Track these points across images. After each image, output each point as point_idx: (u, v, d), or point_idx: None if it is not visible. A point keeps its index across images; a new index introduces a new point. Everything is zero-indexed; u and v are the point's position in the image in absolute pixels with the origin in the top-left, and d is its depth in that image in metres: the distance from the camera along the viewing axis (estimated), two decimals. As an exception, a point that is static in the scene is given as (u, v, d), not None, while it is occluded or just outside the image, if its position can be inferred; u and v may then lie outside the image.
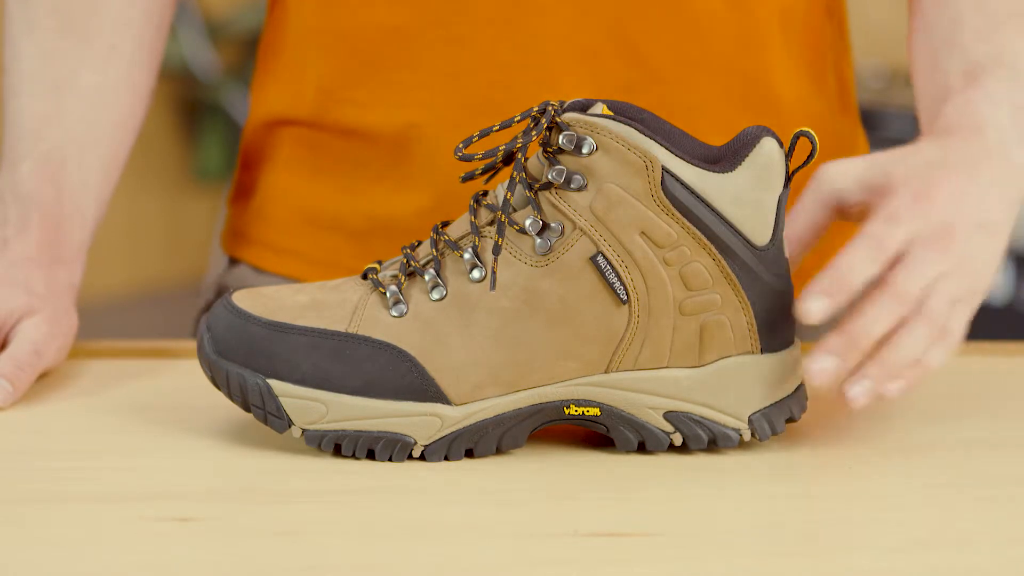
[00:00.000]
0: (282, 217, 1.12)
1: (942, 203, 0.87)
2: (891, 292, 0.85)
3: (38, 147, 1.05)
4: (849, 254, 0.85)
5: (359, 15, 1.06)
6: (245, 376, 0.85)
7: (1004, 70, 0.95)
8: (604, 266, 0.83)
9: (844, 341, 0.85)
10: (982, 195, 0.89)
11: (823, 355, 0.84)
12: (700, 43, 1.05)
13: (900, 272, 0.86)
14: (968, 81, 0.95)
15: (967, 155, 0.91)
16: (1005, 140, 0.92)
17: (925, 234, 0.87)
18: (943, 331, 0.87)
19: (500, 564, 0.72)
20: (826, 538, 0.76)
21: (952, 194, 0.88)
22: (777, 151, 0.84)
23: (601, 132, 0.83)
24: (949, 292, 0.87)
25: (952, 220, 0.87)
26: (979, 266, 0.89)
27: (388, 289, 0.85)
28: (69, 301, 1.02)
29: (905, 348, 0.86)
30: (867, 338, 0.85)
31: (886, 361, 0.85)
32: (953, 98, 0.95)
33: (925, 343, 0.86)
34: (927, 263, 0.86)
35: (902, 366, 0.86)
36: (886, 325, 0.85)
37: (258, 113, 1.14)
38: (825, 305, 0.84)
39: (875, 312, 0.85)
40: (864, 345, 0.85)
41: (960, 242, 0.87)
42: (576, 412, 0.85)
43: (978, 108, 0.94)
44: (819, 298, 0.84)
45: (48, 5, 1.07)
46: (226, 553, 0.73)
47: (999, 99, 0.94)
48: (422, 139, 1.05)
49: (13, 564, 0.71)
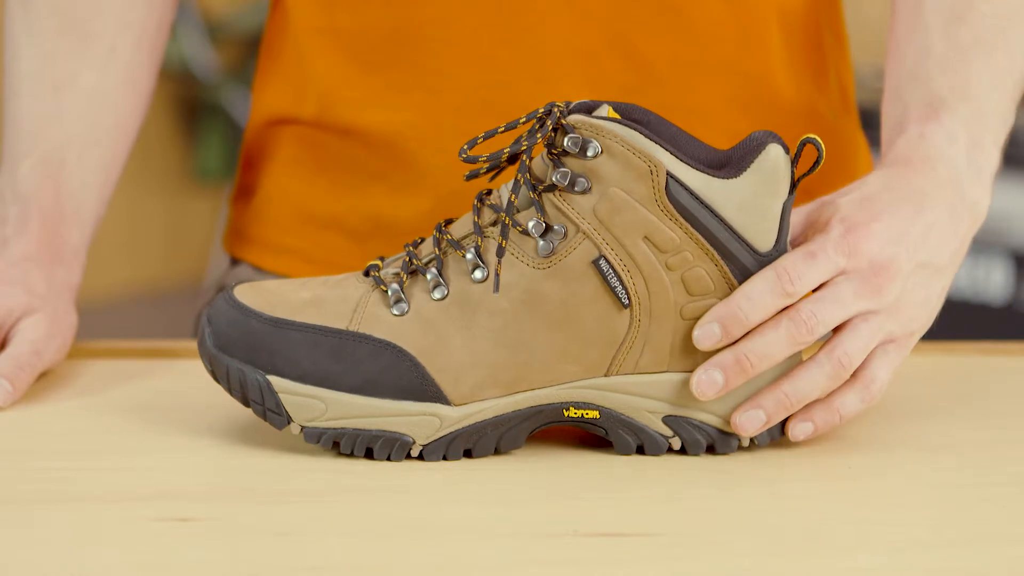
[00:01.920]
0: (283, 217, 1.12)
1: (876, 240, 0.85)
2: (791, 317, 0.83)
3: (38, 147, 1.05)
4: (750, 284, 0.83)
5: (361, 17, 1.06)
6: (245, 372, 0.85)
7: (966, 104, 0.93)
8: (606, 269, 0.83)
9: (732, 361, 0.83)
10: (925, 232, 0.87)
11: (713, 367, 0.83)
12: (699, 44, 1.05)
13: (809, 301, 0.84)
14: (927, 113, 0.93)
15: (914, 189, 0.89)
16: (958, 176, 0.90)
17: (852, 270, 0.85)
18: (862, 377, 0.85)
19: (500, 564, 0.72)
20: (826, 538, 0.76)
21: (890, 230, 0.86)
22: (783, 158, 0.83)
23: (606, 135, 0.83)
24: (871, 334, 0.85)
25: (887, 258, 0.85)
26: (915, 308, 0.87)
27: (390, 287, 0.85)
28: (69, 300, 1.02)
29: (801, 384, 0.84)
30: (757, 361, 0.83)
31: (782, 392, 0.84)
32: (908, 130, 0.93)
33: (825, 383, 0.84)
34: (846, 297, 0.84)
35: (799, 403, 0.84)
36: (779, 351, 0.83)
37: (259, 113, 1.14)
38: (715, 332, 0.83)
39: (769, 335, 0.83)
40: (748, 368, 0.83)
41: (894, 282, 0.85)
42: (575, 414, 0.85)
43: (932, 142, 0.92)
44: (711, 326, 0.83)
45: (48, 5, 1.07)
46: (226, 553, 0.73)
47: (956, 134, 0.92)
48: (422, 139, 1.05)
49: (13, 564, 0.71)
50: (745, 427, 0.84)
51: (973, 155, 0.92)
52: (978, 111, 0.94)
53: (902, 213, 0.87)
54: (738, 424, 0.84)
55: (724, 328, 0.83)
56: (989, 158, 0.93)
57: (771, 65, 1.07)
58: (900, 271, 0.86)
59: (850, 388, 0.86)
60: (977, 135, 0.93)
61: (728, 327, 0.83)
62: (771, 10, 1.06)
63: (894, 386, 0.98)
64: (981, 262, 2.66)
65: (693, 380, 0.83)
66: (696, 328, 0.83)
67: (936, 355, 1.07)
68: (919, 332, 0.88)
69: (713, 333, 0.83)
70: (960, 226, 0.90)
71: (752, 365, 0.83)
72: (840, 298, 0.84)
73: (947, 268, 0.89)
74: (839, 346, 0.85)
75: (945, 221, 0.89)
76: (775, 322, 0.83)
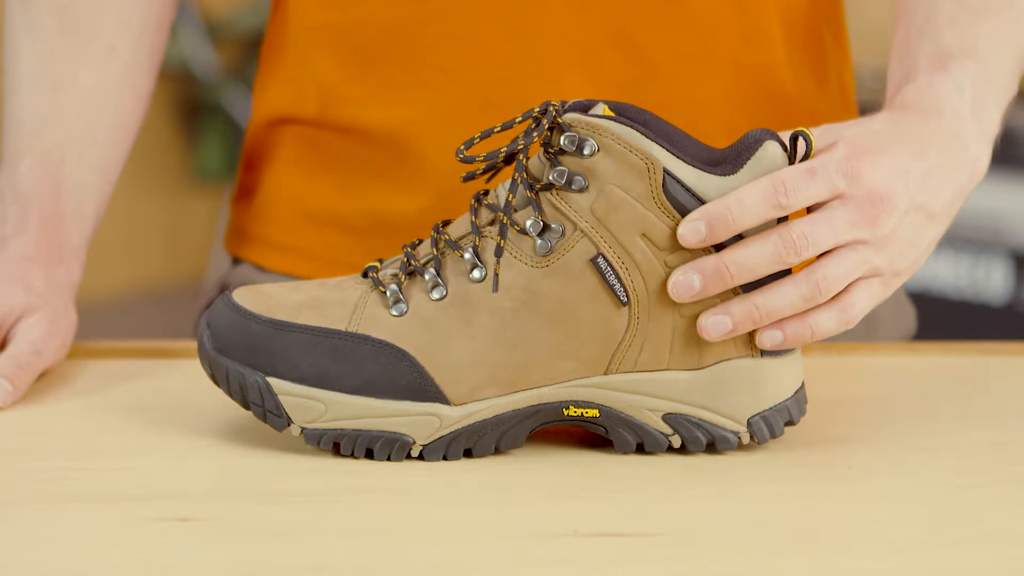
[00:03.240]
0: (284, 215, 1.12)
1: (879, 172, 0.85)
2: (780, 234, 0.82)
3: (37, 146, 1.05)
4: (744, 190, 0.82)
5: (360, 13, 1.06)
6: (244, 374, 0.85)
7: (973, 62, 0.94)
8: (604, 268, 0.83)
9: (713, 268, 0.82)
10: (925, 175, 0.87)
11: (692, 271, 0.82)
12: (701, 40, 1.05)
13: (802, 222, 0.83)
14: (935, 65, 0.93)
15: (919, 133, 0.89)
16: (962, 128, 0.90)
17: (849, 196, 0.84)
18: (841, 301, 0.84)
19: (500, 564, 0.72)
20: (826, 538, 0.76)
21: (892, 166, 0.85)
22: (780, 154, 0.83)
23: (603, 133, 0.83)
24: (856, 264, 0.84)
25: (886, 191, 0.84)
26: (905, 247, 0.86)
27: (388, 288, 0.85)
28: (68, 300, 1.02)
29: (774, 299, 0.83)
30: (737, 273, 0.82)
31: (752, 303, 0.83)
32: (917, 78, 0.93)
33: (799, 303, 0.83)
34: (839, 223, 0.83)
35: (768, 318, 0.83)
36: (762, 266, 0.82)
37: (260, 112, 1.14)
38: (700, 230, 0.81)
39: (755, 248, 0.82)
40: (727, 277, 0.82)
41: (890, 216, 0.84)
42: (575, 413, 0.85)
43: (940, 91, 0.92)
44: (698, 223, 0.82)
45: (48, 5, 1.07)
46: (226, 553, 0.73)
47: (964, 87, 0.92)
48: (423, 137, 1.05)
49: (13, 564, 0.71)
50: (709, 331, 0.83)
51: (977, 112, 0.92)
52: (984, 70, 0.94)
53: (906, 152, 0.87)
54: (703, 326, 0.83)
55: (710, 227, 0.82)
56: (991, 119, 0.93)
57: (772, 60, 1.06)
58: (897, 206, 0.85)
59: (827, 308, 0.84)
60: (982, 93, 0.93)
61: (714, 226, 0.82)
62: (772, 5, 1.06)
63: (894, 386, 0.98)
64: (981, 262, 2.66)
65: (670, 281, 0.82)
66: (681, 224, 0.82)
67: (936, 355, 1.07)
68: (905, 274, 0.87)
69: (698, 231, 0.82)
70: (960, 177, 0.89)
71: (732, 276, 0.82)
72: (834, 223, 0.83)
73: (941, 216, 0.88)
74: (820, 269, 0.84)
75: (946, 169, 0.88)
76: (764, 236, 0.82)
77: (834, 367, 1.02)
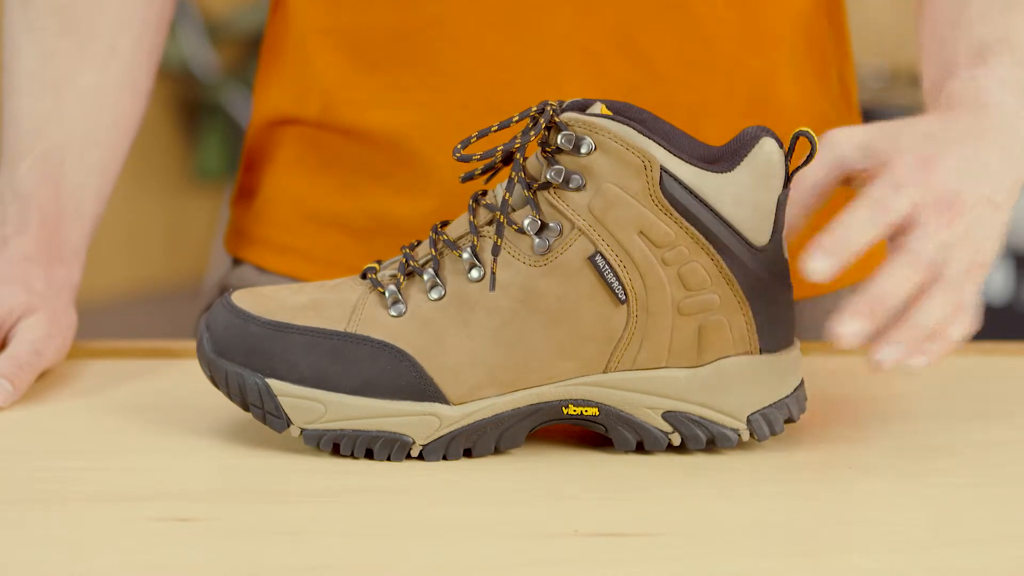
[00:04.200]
0: (285, 216, 1.12)
1: (946, 173, 0.87)
2: (907, 255, 0.84)
3: (37, 146, 1.05)
4: (850, 214, 0.84)
5: (362, 15, 1.06)
6: (244, 375, 0.85)
7: (1010, 52, 0.95)
8: (602, 266, 0.83)
9: (868, 302, 0.83)
10: (985, 169, 0.89)
11: (850, 318, 0.82)
12: (703, 44, 1.05)
13: (912, 236, 0.85)
14: (974, 60, 0.95)
15: (971, 130, 0.90)
16: (1011, 119, 0.92)
17: (930, 202, 0.85)
18: (960, 303, 0.86)
19: (500, 564, 0.72)
20: (826, 538, 0.76)
21: (957, 165, 0.87)
22: (777, 151, 0.84)
23: (600, 132, 0.83)
24: (961, 261, 0.86)
25: (957, 190, 0.86)
26: (983, 239, 0.88)
27: (387, 289, 0.85)
28: (68, 300, 1.02)
29: (930, 312, 0.84)
30: (892, 299, 0.83)
31: (914, 325, 0.84)
32: (958, 74, 0.95)
33: (948, 309, 0.85)
34: (937, 229, 0.85)
35: (928, 332, 0.84)
36: (907, 288, 0.84)
37: (261, 113, 1.14)
38: (828, 264, 0.83)
39: (894, 275, 0.83)
40: (889, 306, 0.83)
41: (966, 213, 0.86)
42: (575, 412, 0.85)
43: (984, 86, 0.93)
44: (822, 256, 0.83)
45: (48, 5, 1.07)
46: (226, 553, 0.73)
47: (1005, 79, 0.94)
48: (424, 139, 1.05)
49: (13, 564, 0.71)
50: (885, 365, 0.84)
51: (1022, 100, 0.93)
52: (1020, 60, 0.95)
53: (965, 151, 0.88)
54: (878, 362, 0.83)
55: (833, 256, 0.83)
56: None
57: (775, 64, 1.07)
58: (965, 204, 0.87)
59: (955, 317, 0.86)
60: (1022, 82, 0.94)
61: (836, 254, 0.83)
62: (775, 9, 1.06)
63: (894, 386, 0.98)
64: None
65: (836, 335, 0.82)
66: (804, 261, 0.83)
67: (936, 355, 1.07)
68: (988, 265, 0.89)
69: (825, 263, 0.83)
70: (1016, 165, 0.91)
71: (887, 302, 0.83)
72: (931, 227, 0.85)
73: (1004, 205, 0.90)
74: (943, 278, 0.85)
75: (1001, 160, 0.90)
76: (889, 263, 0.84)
77: (834, 367, 1.02)
